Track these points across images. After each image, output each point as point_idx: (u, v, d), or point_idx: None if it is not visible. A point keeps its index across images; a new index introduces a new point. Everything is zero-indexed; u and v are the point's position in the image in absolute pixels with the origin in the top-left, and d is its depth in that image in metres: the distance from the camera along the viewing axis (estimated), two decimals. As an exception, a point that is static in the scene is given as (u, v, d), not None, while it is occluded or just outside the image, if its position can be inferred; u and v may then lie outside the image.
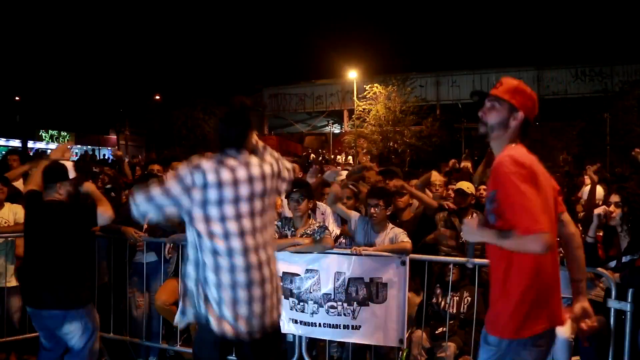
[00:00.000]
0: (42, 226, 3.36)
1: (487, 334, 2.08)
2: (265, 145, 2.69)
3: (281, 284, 2.93)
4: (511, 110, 2.11)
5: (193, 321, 2.49)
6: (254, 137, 2.61)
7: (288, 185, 2.68)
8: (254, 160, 2.46)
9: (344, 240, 4.44)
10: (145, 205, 2.33)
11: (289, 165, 2.72)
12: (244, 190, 2.37)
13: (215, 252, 2.35)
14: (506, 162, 1.93)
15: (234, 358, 2.75)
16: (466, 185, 4.67)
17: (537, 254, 1.92)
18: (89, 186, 3.68)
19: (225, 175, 2.35)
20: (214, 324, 2.34)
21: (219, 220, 2.34)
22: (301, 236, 3.98)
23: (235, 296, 2.35)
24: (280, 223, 4.14)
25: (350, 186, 4.74)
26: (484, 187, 5.07)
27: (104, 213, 3.48)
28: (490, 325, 2.08)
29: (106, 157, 23.41)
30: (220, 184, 2.33)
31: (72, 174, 3.48)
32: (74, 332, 3.37)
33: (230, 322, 2.34)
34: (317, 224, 4.07)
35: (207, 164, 2.36)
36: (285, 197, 4.25)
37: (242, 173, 2.38)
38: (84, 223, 3.50)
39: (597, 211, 3.50)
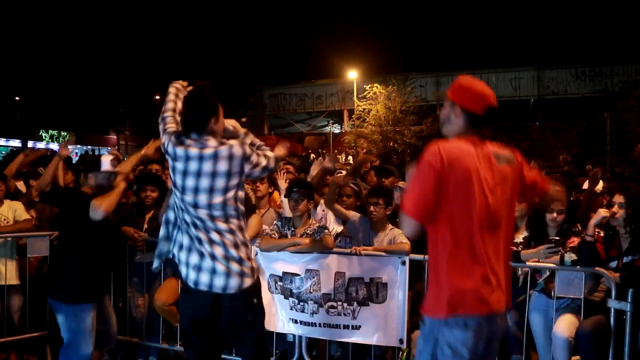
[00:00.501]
0: (63, 217, 3.62)
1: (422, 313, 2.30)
2: (247, 131, 2.88)
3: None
4: (453, 106, 2.30)
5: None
6: (230, 123, 2.80)
7: (261, 172, 2.76)
8: (212, 142, 2.59)
9: (346, 238, 4.42)
10: None
11: (269, 153, 2.80)
12: (192, 166, 2.57)
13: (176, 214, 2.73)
14: (427, 151, 2.15)
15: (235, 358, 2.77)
16: None
17: (458, 243, 2.13)
18: (119, 181, 3.65)
19: (179, 150, 2.60)
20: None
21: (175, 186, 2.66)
22: (301, 236, 3.98)
23: (180, 257, 2.69)
24: (280, 223, 4.14)
25: (351, 184, 4.72)
26: None
27: (96, 207, 3.43)
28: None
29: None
30: (174, 156, 2.62)
31: (106, 167, 3.50)
32: (62, 325, 3.49)
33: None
34: (317, 224, 4.07)
35: (170, 136, 2.66)
36: (285, 197, 4.25)
37: (194, 151, 2.57)
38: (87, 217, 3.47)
39: (603, 213, 3.47)
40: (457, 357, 2.10)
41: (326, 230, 4.00)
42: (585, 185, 6.26)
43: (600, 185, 5.71)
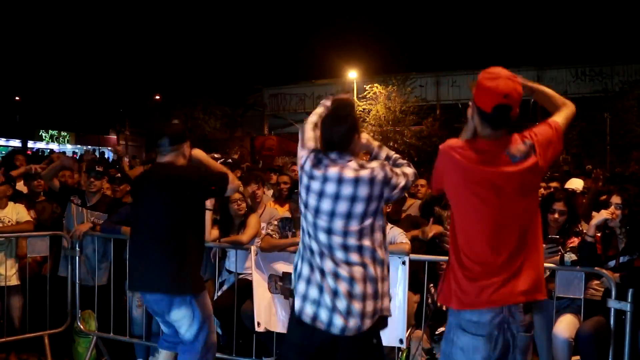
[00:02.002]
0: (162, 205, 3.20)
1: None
2: (381, 145, 2.68)
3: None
4: (472, 103, 2.24)
5: None
6: (364, 137, 2.60)
7: (400, 193, 2.49)
8: (353, 163, 2.40)
9: None
10: None
11: (407, 170, 2.53)
12: (330, 189, 2.36)
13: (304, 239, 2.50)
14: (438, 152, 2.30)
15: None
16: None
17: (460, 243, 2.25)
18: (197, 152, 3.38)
19: (316, 171, 2.41)
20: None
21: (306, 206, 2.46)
22: None
23: (297, 287, 2.49)
24: (281, 223, 4.15)
25: None
26: None
27: (233, 182, 3.23)
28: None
29: (106, 157, 23.41)
30: (311, 175, 2.42)
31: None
32: (186, 319, 3.09)
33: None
34: None
35: (309, 152, 2.47)
36: (286, 200, 4.28)
37: (333, 172, 2.37)
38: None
39: (605, 214, 3.47)
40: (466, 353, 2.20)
41: None
42: (571, 184, 6.25)
43: (580, 185, 5.73)
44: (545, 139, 2.23)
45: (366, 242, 2.37)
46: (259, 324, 3.97)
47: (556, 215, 3.74)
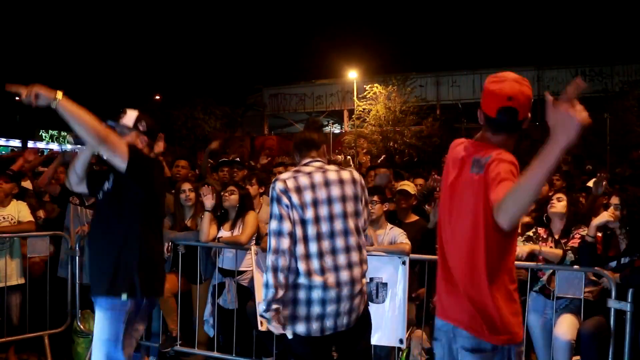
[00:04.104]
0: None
1: None
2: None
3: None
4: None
5: None
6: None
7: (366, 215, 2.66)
8: (331, 167, 2.55)
9: None
10: None
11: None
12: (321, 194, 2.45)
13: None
14: None
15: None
16: (410, 186, 4.66)
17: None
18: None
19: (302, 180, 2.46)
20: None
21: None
22: None
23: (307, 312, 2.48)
24: None
25: None
26: None
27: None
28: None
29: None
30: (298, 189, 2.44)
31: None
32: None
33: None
34: None
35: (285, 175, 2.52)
36: None
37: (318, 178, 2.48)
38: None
39: (607, 216, 3.46)
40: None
41: None
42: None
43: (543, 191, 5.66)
44: (501, 171, 1.91)
45: (351, 242, 2.49)
46: (261, 323, 3.98)
47: (553, 202, 3.75)
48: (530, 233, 3.77)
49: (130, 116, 2.93)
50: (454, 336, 2.07)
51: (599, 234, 3.58)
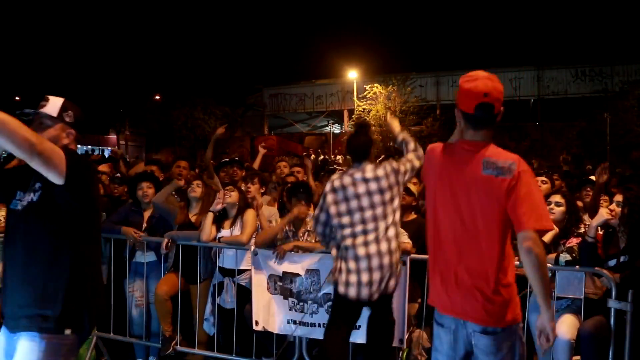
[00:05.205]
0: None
1: None
2: (402, 129, 3.86)
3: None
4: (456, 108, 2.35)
5: None
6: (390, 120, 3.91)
7: (410, 173, 3.35)
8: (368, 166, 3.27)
9: None
10: None
11: (410, 156, 3.47)
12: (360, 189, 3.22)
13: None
14: None
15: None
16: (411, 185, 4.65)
17: None
18: None
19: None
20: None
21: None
22: (302, 234, 4.06)
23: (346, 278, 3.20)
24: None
25: None
26: None
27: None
28: None
29: (104, 154, 23.40)
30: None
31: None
32: None
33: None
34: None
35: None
36: (288, 198, 4.28)
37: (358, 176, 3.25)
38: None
39: (605, 215, 3.45)
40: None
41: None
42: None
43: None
44: (522, 187, 2.14)
45: (381, 227, 3.18)
46: (257, 322, 3.98)
47: (552, 207, 3.74)
48: None
49: (54, 104, 2.40)
50: (464, 323, 2.25)
51: (600, 232, 3.58)
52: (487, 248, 2.19)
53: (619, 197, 3.54)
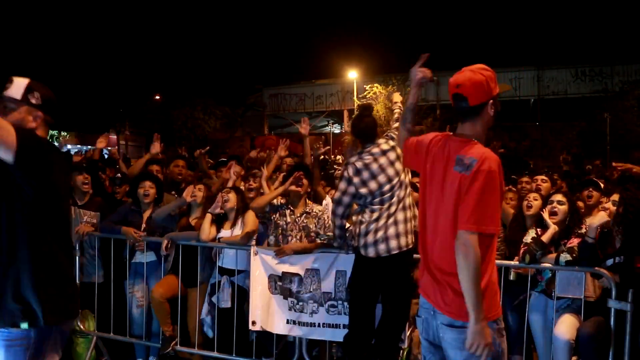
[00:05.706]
0: None
1: None
2: (400, 107, 3.94)
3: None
4: None
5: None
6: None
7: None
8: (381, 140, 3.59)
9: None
10: None
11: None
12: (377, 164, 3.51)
13: None
14: None
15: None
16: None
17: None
18: None
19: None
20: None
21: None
22: (300, 215, 4.15)
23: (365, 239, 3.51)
24: (278, 203, 4.25)
25: None
26: None
27: None
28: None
29: (103, 154, 23.38)
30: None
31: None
32: None
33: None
34: (318, 209, 4.25)
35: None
36: (286, 178, 4.32)
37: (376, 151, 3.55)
38: None
39: (605, 216, 3.45)
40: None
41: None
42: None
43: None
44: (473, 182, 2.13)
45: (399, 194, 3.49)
46: (254, 322, 3.97)
47: (554, 205, 3.72)
48: (529, 239, 3.68)
49: (18, 85, 2.29)
50: (433, 314, 2.30)
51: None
52: (453, 246, 2.18)
53: (615, 197, 3.54)
